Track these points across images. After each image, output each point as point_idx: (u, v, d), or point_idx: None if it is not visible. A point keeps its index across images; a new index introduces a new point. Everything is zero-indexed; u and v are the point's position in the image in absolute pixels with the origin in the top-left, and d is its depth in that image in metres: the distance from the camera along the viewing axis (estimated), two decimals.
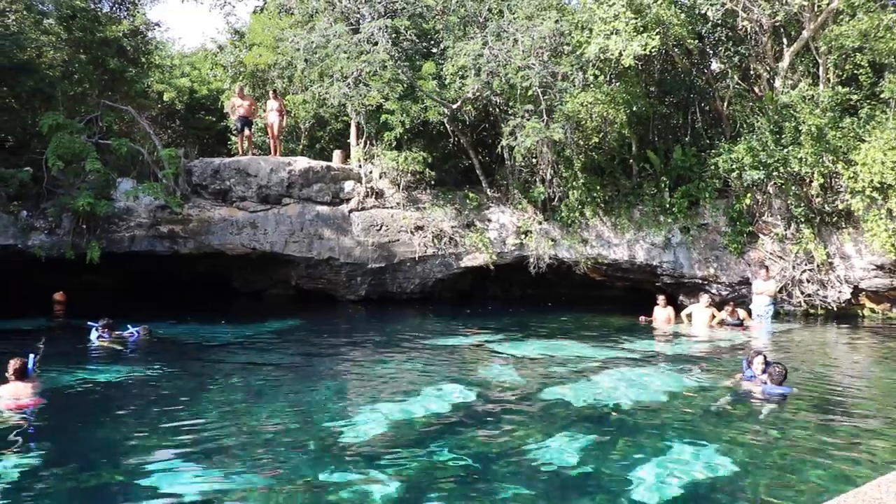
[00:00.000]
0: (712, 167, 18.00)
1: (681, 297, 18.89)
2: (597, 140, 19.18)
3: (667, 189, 18.55)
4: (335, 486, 6.46)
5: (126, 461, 7.07)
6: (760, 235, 18.15)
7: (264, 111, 21.21)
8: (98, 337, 12.98)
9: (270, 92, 20.91)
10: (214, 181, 19.04)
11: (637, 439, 7.88)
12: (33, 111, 18.90)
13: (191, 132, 25.76)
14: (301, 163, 19.39)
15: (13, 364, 8.82)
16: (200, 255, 18.61)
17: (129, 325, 13.50)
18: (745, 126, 18.51)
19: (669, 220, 18.42)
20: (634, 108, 18.22)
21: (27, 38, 18.84)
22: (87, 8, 20.07)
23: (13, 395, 8.67)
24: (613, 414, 8.90)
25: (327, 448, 7.56)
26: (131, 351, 12.69)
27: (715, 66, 20.24)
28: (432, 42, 20.53)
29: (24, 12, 19.24)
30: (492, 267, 19.23)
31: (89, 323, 13.33)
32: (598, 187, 18.76)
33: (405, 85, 18.72)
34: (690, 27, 18.01)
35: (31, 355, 9.02)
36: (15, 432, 7.87)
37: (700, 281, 18.42)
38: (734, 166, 17.50)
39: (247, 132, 20.60)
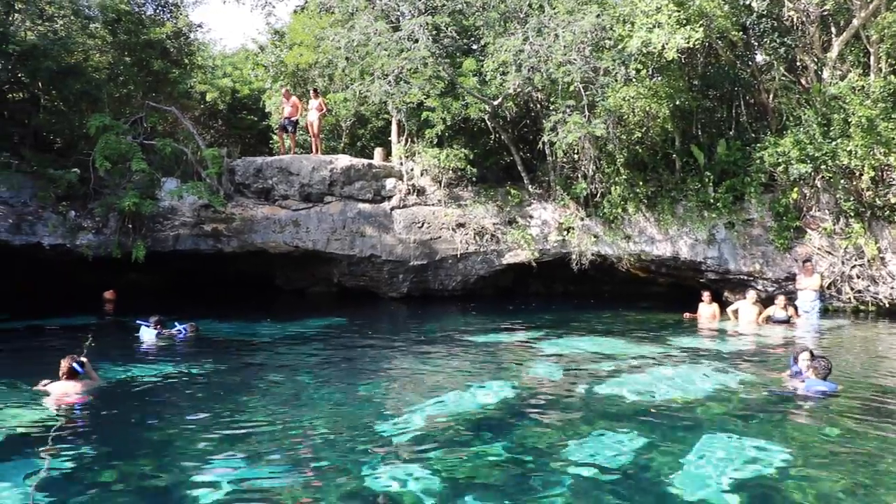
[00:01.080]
0: (758, 161, 17.70)
1: (726, 294, 18.62)
2: (639, 135, 18.99)
3: (711, 184, 18.28)
4: (378, 483, 6.47)
5: (173, 457, 7.14)
6: (808, 230, 17.80)
7: (306, 110, 21.35)
8: (157, 335, 13.17)
9: (311, 91, 21.04)
10: (257, 180, 19.22)
11: (682, 437, 7.76)
12: (80, 113, 19.22)
13: (233, 132, 26.03)
14: (343, 161, 19.48)
15: (64, 362, 8.97)
16: (244, 253, 18.79)
17: (176, 323, 13.67)
18: (791, 119, 18.16)
19: (714, 216, 18.15)
20: (677, 102, 17.98)
21: (74, 42, 19.18)
22: (131, 11, 20.36)
23: (62, 393, 8.81)
24: (658, 411, 8.78)
25: (371, 445, 7.57)
26: (178, 348, 12.85)
27: (760, 57, 19.90)
28: (472, 38, 20.47)
29: (72, 17, 19.62)
30: (534, 263, 19.13)
31: (139, 321, 13.52)
32: (641, 182, 18.58)
33: (446, 82, 18.69)
34: (734, 19, 17.70)
35: (82, 353, 9.13)
36: (65, 429, 7.99)
37: (745, 277, 18.14)
38: (780, 160, 17.19)
39: (290, 131, 20.78)
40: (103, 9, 19.75)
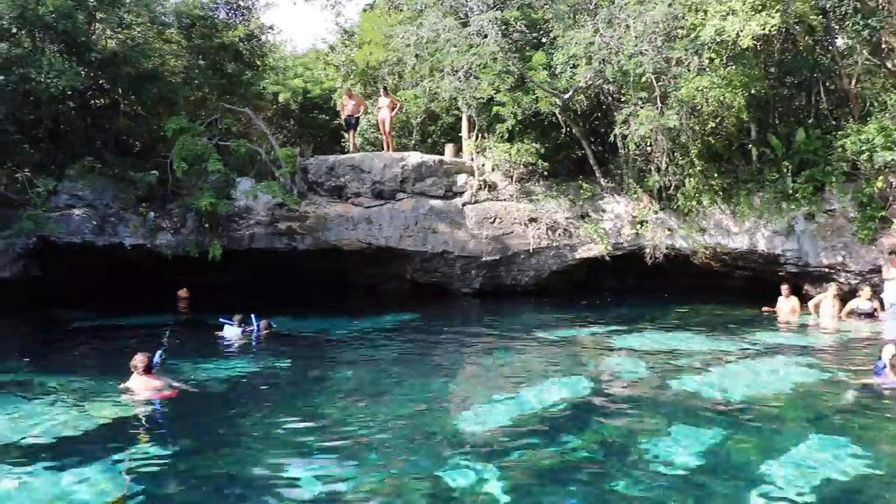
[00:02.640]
0: (839, 149, 17.14)
1: (806, 287, 18.12)
2: (713, 125, 18.54)
3: (789, 174, 17.78)
4: (453, 477, 6.49)
5: (251, 451, 7.30)
6: (894, 220, 17.19)
7: (376, 108, 21.49)
8: (242, 332, 13.45)
9: (381, 89, 21.17)
10: (330, 178, 19.45)
11: (761, 435, 7.61)
12: (158, 117, 19.76)
13: (305, 131, 26.40)
14: (414, 157, 19.58)
15: (139, 359, 9.19)
16: (317, 251, 19.02)
17: (252, 320, 13.93)
18: (875, 104, 17.51)
19: (793, 207, 17.66)
20: (753, 91, 17.53)
21: (151, 48, 19.74)
22: (204, 16, 20.84)
23: (141, 388, 9.05)
24: (735, 408, 8.62)
25: (445, 440, 7.61)
26: (255, 345, 13.09)
27: (841, 42, 19.24)
28: (542, 32, 20.30)
29: (149, 24, 20.21)
30: (607, 258, 18.92)
31: (223, 319, 13.82)
32: (716, 174, 18.19)
33: (516, 76, 18.60)
34: (813, 2, 17.16)
35: (158, 351, 9.39)
36: (146, 422, 8.23)
37: (826, 270, 17.60)
38: (864, 147, 16.60)
39: (352, 128, 21.01)
40: (178, 15, 20.27)
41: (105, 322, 15.29)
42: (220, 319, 13.84)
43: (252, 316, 13.89)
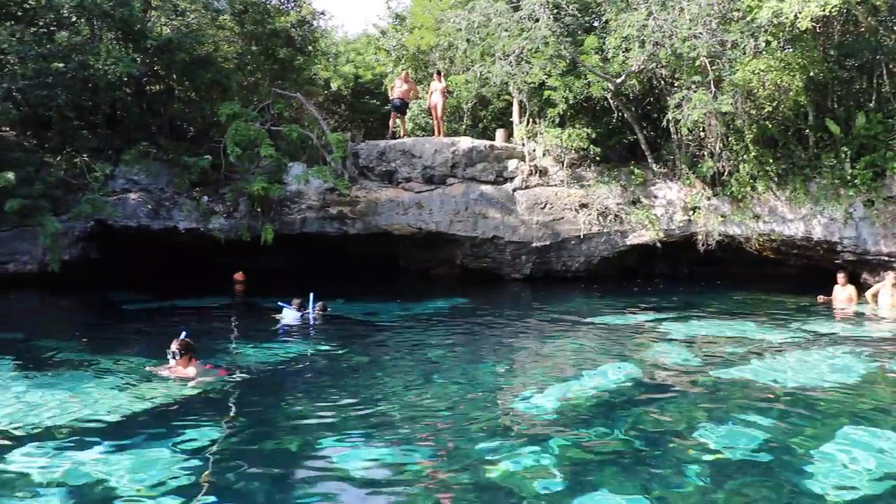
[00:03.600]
0: None
1: (863, 276, 17.76)
2: (769, 109, 18.21)
3: (848, 160, 17.38)
4: (502, 463, 6.51)
5: (303, 434, 7.38)
6: None
7: (428, 93, 21.48)
8: (301, 316, 13.60)
9: (435, 73, 21.16)
10: (381, 163, 19.53)
11: (814, 427, 7.48)
12: (211, 102, 20.02)
13: (356, 116, 26.48)
14: (465, 143, 19.56)
15: (176, 345, 9.12)
16: (368, 235, 19.14)
17: (310, 300, 14.06)
18: None
19: (851, 193, 17.28)
20: (811, 74, 17.18)
21: (205, 34, 20.01)
22: (257, 2, 21.00)
23: (175, 375, 9.13)
24: (789, 398, 8.48)
25: (494, 426, 7.62)
26: (308, 329, 13.23)
27: None
28: (594, 15, 20.12)
29: (202, 11, 20.47)
30: (658, 244, 18.74)
31: (281, 303, 13.99)
32: (771, 160, 17.87)
33: (567, 60, 18.46)
34: None
35: (184, 332, 9.39)
36: (199, 404, 8.38)
37: (885, 258, 17.21)
38: None
39: (400, 112, 20.98)
40: (231, 1, 20.49)
41: (160, 304, 15.57)
42: (279, 303, 14.00)
43: (310, 295, 14.02)
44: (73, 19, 18.58)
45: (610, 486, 5.99)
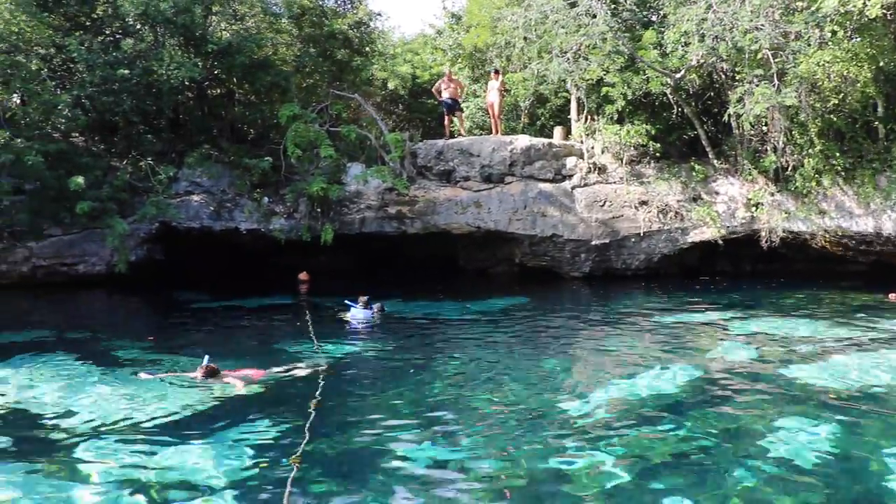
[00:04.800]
0: None
1: None
2: (836, 102, 17.75)
3: None
4: (562, 462, 6.48)
5: (364, 432, 7.46)
6: None
7: (486, 91, 21.43)
8: (371, 315, 13.68)
9: (492, 71, 21.11)
10: (438, 162, 19.57)
11: (882, 427, 7.29)
12: (270, 104, 20.29)
13: (414, 116, 26.55)
14: (522, 141, 19.49)
15: (201, 373, 9.03)
16: (427, 234, 19.19)
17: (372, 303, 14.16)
18: None
19: None
20: (881, 64, 16.69)
21: (264, 37, 20.27)
22: (314, 6, 21.21)
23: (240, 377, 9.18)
24: (854, 398, 8.28)
25: (553, 425, 7.60)
26: (369, 328, 13.31)
27: None
28: (652, 10, 19.85)
29: (261, 15, 20.76)
30: (720, 241, 18.43)
31: (347, 301, 14.12)
32: (838, 153, 17.43)
33: (626, 56, 18.27)
34: None
35: (206, 356, 9.34)
36: (266, 401, 8.50)
37: None
38: None
39: (455, 111, 20.92)
40: (289, 5, 20.74)
41: (224, 304, 15.84)
42: (346, 301, 14.13)
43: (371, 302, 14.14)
44: (138, 27, 19.07)
45: (672, 488, 5.92)
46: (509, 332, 12.95)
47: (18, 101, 18.44)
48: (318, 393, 8.46)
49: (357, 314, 13.66)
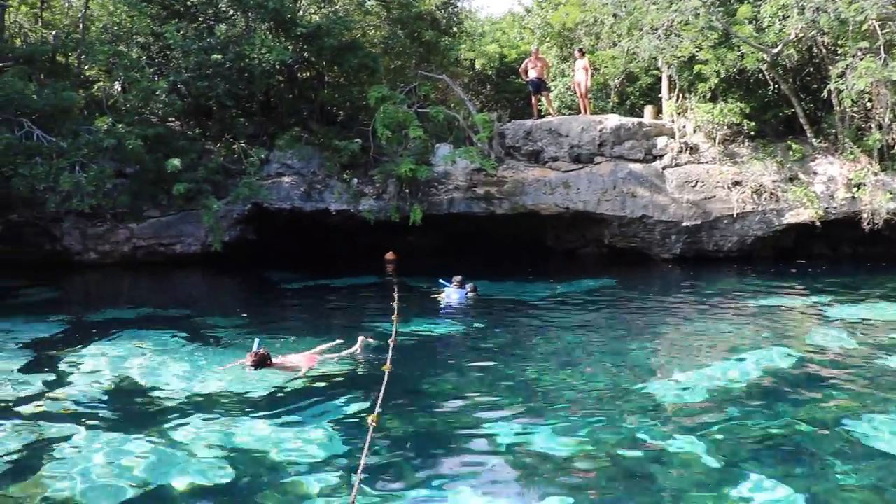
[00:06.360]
0: None
1: None
2: None
3: None
4: (650, 446, 6.41)
5: (450, 410, 7.56)
6: None
7: (572, 71, 21.14)
8: (465, 295, 13.73)
9: (577, 51, 20.80)
10: (527, 143, 19.43)
11: None
12: (359, 86, 20.47)
13: (502, 96, 26.42)
14: (612, 120, 19.17)
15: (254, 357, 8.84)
16: (515, 215, 19.11)
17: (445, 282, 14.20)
18: None
19: None
20: None
21: (352, 20, 20.47)
22: None
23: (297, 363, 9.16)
24: None
25: (642, 409, 7.53)
26: (460, 308, 13.35)
27: None
28: None
29: None
30: (818, 223, 17.80)
31: (442, 281, 14.21)
32: None
33: (719, 32, 17.74)
34: None
35: (257, 340, 9.39)
36: (351, 379, 8.63)
37: None
38: None
39: (543, 91, 20.68)
40: None
41: (315, 283, 16.15)
42: (440, 281, 14.21)
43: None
44: (230, 13, 19.53)
45: (763, 476, 5.77)
46: (598, 314, 12.85)
47: (120, 89, 19.15)
48: (386, 378, 8.51)
49: (452, 294, 13.71)
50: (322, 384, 8.46)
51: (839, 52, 17.13)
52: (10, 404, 7.70)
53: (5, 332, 11.13)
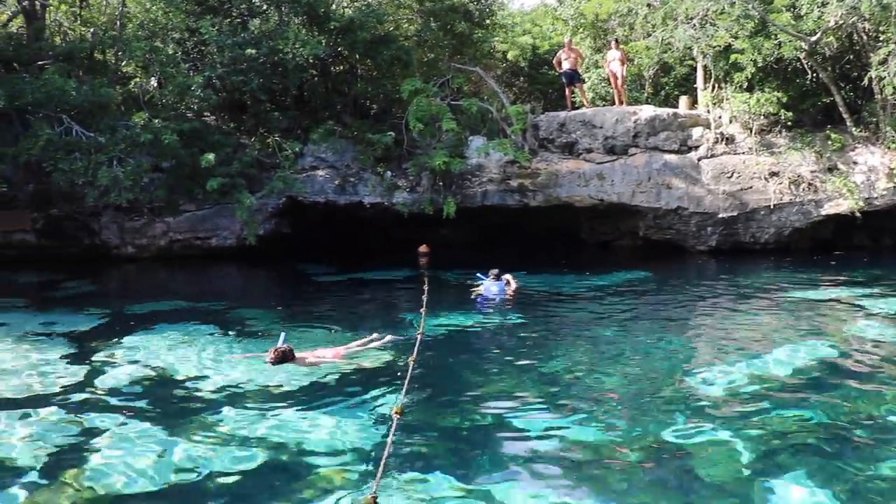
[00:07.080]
0: None
1: None
2: None
3: None
4: (685, 441, 6.37)
5: (483, 401, 7.61)
6: None
7: (606, 62, 20.98)
8: (501, 288, 13.69)
9: (612, 41, 20.64)
10: (560, 134, 19.33)
11: None
12: (392, 79, 20.49)
13: (535, 88, 26.33)
14: (646, 111, 19.01)
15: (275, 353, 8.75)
16: (549, 207, 19.05)
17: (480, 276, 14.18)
18: None
19: None
20: None
21: (385, 13, 20.47)
22: None
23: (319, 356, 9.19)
24: None
25: (677, 402, 7.48)
26: (495, 301, 13.33)
27: None
28: None
29: None
30: (858, 214, 17.52)
31: (479, 274, 14.21)
32: None
33: (756, 20, 17.51)
34: None
35: (283, 334, 9.38)
36: (382, 372, 8.67)
37: None
38: None
39: (577, 82, 20.54)
40: None
41: (349, 276, 16.23)
42: (477, 274, 14.21)
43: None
44: (264, 8, 19.67)
45: (799, 473, 5.71)
46: (631, 306, 12.79)
47: (156, 84, 19.37)
48: (419, 371, 8.52)
49: (491, 287, 13.69)
50: (349, 377, 8.53)
51: (881, 39, 16.85)
52: (54, 395, 7.91)
53: (48, 324, 11.40)
